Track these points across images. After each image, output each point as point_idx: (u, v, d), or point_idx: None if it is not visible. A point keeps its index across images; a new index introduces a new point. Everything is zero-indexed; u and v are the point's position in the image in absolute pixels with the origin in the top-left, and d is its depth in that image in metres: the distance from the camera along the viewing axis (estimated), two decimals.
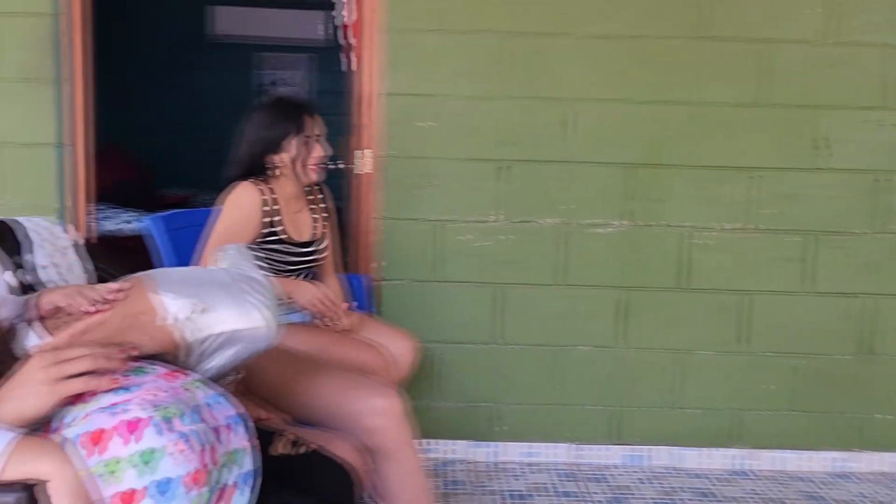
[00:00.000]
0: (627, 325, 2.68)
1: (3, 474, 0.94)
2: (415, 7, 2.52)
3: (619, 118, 2.59)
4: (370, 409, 1.60)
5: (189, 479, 0.97)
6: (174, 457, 0.96)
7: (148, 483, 0.95)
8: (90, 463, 0.96)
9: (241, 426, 1.09)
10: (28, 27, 2.47)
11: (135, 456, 0.96)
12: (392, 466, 1.64)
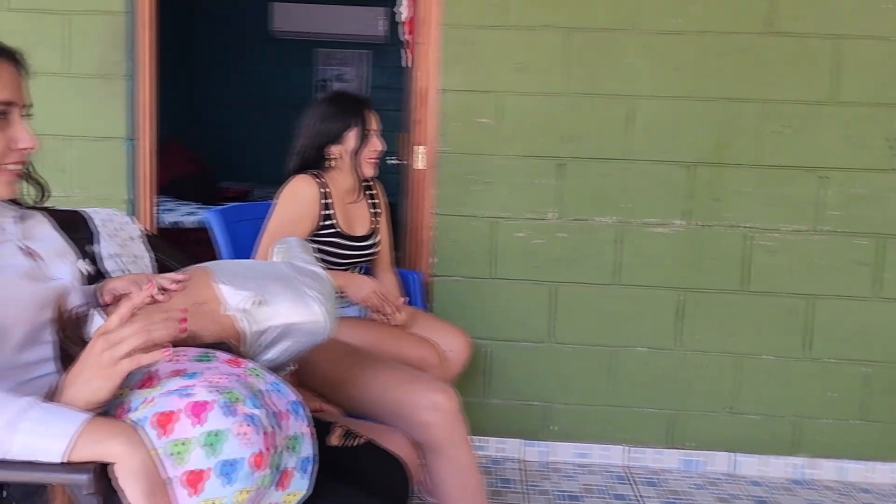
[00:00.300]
0: (685, 327, 2.62)
1: (72, 455, 0.97)
2: (474, 3, 2.51)
3: (683, 115, 2.53)
4: (425, 404, 1.60)
5: (253, 461, 0.99)
6: (239, 438, 0.98)
7: (214, 464, 0.98)
8: (158, 444, 0.99)
9: (299, 412, 1.11)
10: (102, 25, 2.55)
11: (201, 437, 0.98)
12: (445, 462, 1.64)
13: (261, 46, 6.24)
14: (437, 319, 2.37)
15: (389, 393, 1.65)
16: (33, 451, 0.96)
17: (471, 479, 1.66)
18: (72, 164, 2.60)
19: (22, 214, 1.27)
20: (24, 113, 1.18)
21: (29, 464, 0.98)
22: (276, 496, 1.05)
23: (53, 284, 1.21)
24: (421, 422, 1.60)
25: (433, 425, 1.60)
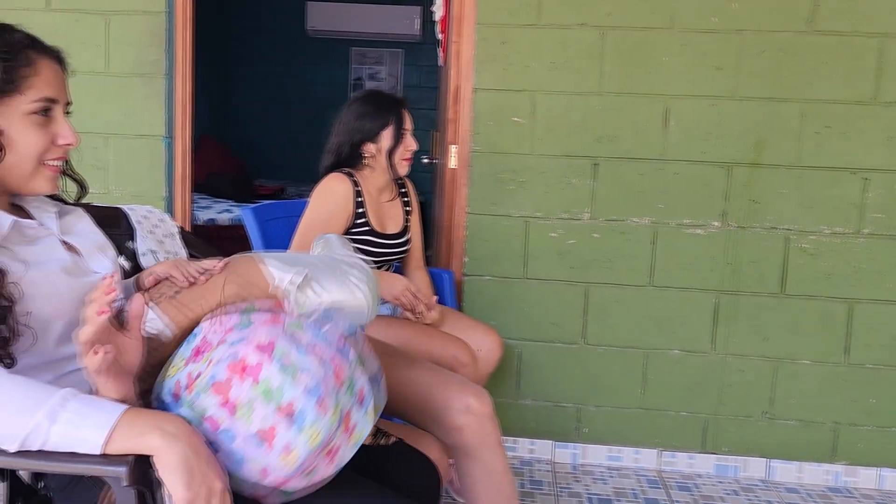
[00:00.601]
0: (721, 331, 2.58)
1: (110, 446, 0.98)
2: (508, 2, 2.50)
3: (720, 115, 2.49)
4: (458, 406, 1.58)
5: (318, 407, 1.02)
6: (298, 388, 1.02)
7: (281, 416, 1.01)
8: (220, 413, 1.02)
9: (348, 355, 1.11)
10: (142, 24, 2.59)
11: (262, 394, 1.01)
12: (477, 466, 1.62)
13: (296, 45, 6.30)
14: (468, 319, 2.37)
15: (421, 395, 1.64)
16: (71, 441, 0.98)
17: (503, 484, 1.64)
18: (111, 161, 2.65)
19: (62, 210, 1.30)
20: (66, 110, 1.20)
21: (66, 455, 0.99)
22: (342, 438, 1.07)
23: (93, 278, 1.23)
24: (453, 425, 1.58)
25: (465, 429, 1.57)
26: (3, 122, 1.11)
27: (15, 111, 1.12)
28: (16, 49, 1.12)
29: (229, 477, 1.03)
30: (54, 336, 1.14)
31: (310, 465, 1.04)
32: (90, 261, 1.26)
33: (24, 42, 1.14)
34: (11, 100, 1.12)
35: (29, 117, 1.14)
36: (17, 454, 0.99)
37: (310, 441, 1.02)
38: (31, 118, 1.14)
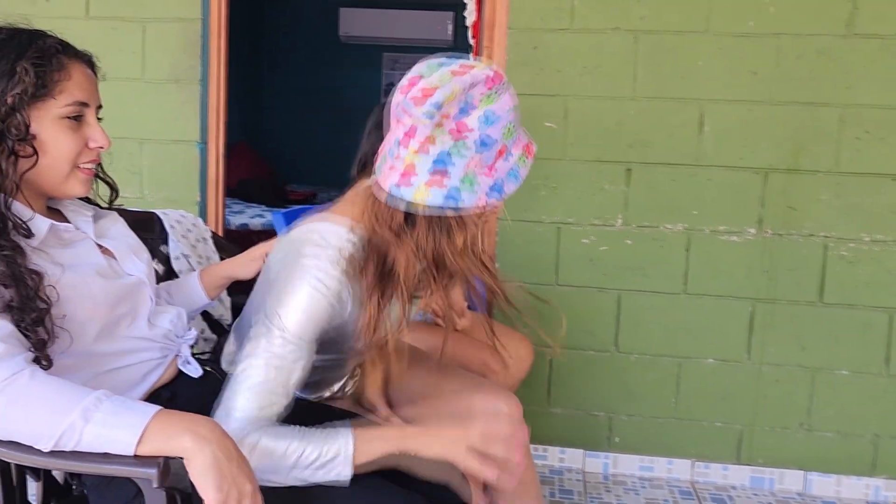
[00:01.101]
0: (757, 339, 2.53)
1: (142, 447, 0.99)
2: (541, 7, 2.49)
3: (757, 120, 2.45)
4: (488, 409, 1.57)
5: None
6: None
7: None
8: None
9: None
10: (177, 31, 2.62)
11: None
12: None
13: (329, 51, 6.34)
14: (499, 326, 2.35)
15: (451, 399, 1.63)
16: (104, 441, 0.99)
17: (531, 492, 1.62)
18: (145, 166, 2.68)
19: (97, 213, 1.32)
20: (97, 114, 1.22)
21: (99, 456, 1.00)
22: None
23: (127, 280, 1.25)
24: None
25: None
26: (36, 126, 1.13)
27: (48, 115, 1.14)
28: (48, 54, 1.14)
29: None
30: (90, 337, 1.16)
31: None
32: (124, 263, 1.28)
33: (56, 47, 1.16)
34: (44, 104, 1.14)
35: (61, 121, 1.16)
36: (51, 454, 1.00)
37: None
38: (64, 122, 1.16)
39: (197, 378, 1.32)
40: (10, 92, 1.11)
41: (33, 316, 1.06)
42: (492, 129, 1.17)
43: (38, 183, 1.17)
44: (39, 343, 1.07)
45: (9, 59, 1.12)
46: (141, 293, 1.27)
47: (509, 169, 1.20)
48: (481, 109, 1.17)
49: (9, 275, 1.05)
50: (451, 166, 1.14)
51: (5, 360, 1.01)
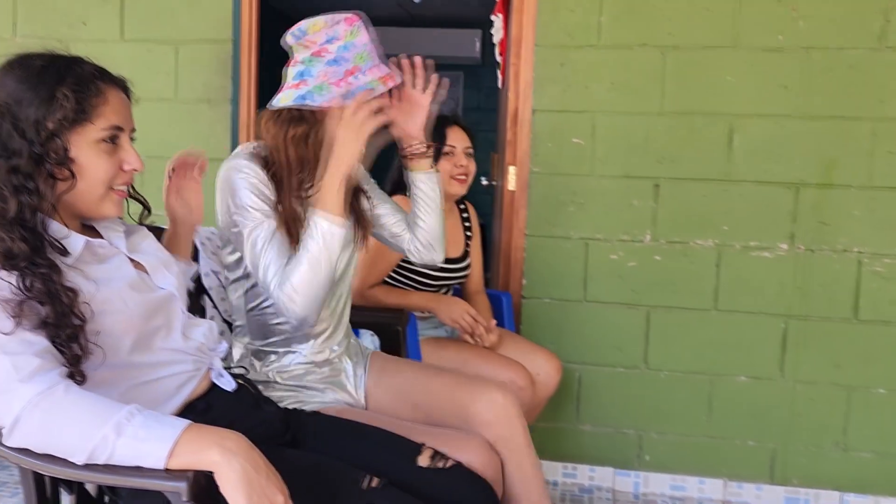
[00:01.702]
0: (790, 357, 2.49)
1: (172, 461, 1.00)
2: (568, 23, 2.50)
3: (787, 135, 2.42)
4: (483, 400, 1.58)
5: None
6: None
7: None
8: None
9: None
10: (209, 53, 2.68)
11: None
12: (506, 463, 1.57)
13: None
14: (527, 342, 2.35)
15: (449, 398, 1.64)
16: (136, 455, 1.01)
17: (534, 481, 1.59)
18: None
19: (128, 229, 1.35)
20: (131, 137, 1.26)
21: (130, 469, 1.02)
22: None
23: (158, 294, 1.27)
24: (481, 421, 1.56)
25: (493, 423, 1.56)
26: (74, 150, 1.17)
27: (85, 139, 1.17)
28: (86, 81, 1.18)
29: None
30: (125, 349, 1.18)
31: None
32: (155, 277, 1.30)
33: (94, 74, 1.20)
34: (83, 129, 1.17)
35: (98, 145, 1.19)
36: (85, 467, 1.02)
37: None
38: (100, 146, 1.19)
39: (230, 390, 1.34)
40: (50, 117, 1.14)
41: (68, 332, 1.08)
42: (346, 52, 1.52)
43: (74, 204, 1.21)
44: (74, 358, 1.09)
45: (49, 85, 1.15)
46: (172, 306, 1.30)
47: (361, 85, 1.51)
48: (343, 41, 1.52)
49: (45, 292, 1.08)
50: (308, 77, 1.52)
51: (41, 375, 1.04)
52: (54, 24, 2.73)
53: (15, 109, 1.14)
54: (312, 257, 1.44)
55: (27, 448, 1.05)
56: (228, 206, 1.55)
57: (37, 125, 1.14)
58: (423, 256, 1.79)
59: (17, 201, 1.11)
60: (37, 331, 1.07)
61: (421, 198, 1.73)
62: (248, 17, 2.66)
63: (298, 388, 1.65)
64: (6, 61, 1.19)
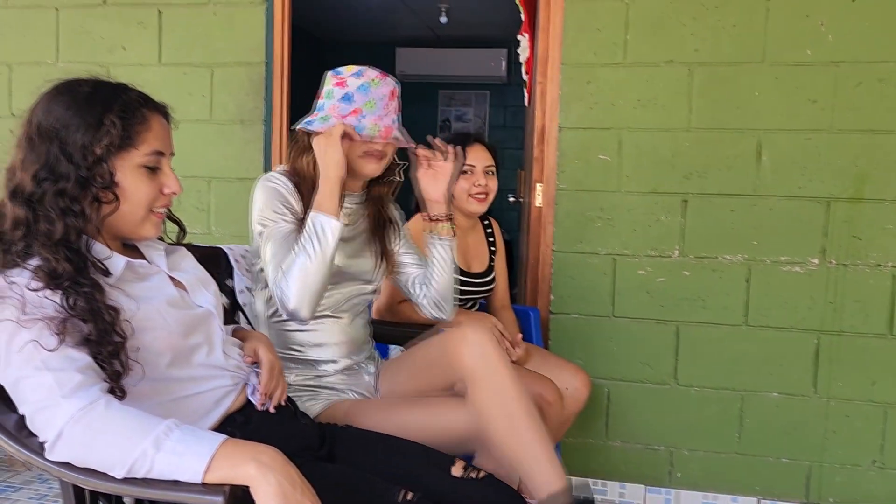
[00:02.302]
0: (823, 373, 2.46)
1: (209, 475, 1.03)
2: (594, 41, 2.51)
3: (817, 149, 2.41)
4: (456, 337, 1.61)
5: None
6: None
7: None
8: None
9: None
10: (243, 75, 2.75)
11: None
12: (484, 389, 1.55)
13: None
14: (555, 357, 2.35)
15: (428, 354, 1.71)
16: (174, 469, 1.03)
17: (515, 401, 1.54)
18: (212, 203, 2.79)
19: (168, 248, 1.39)
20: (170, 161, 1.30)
21: (168, 483, 1.05)
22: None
23: (197, 311, 1.31)
24: (455, 356, 1.59)
25: (466, 355, 1.57)
26: (119, 174, 1.21)
27: (129, 164, 1.22)
28: (132, 107, 1.22)
29: None
30: (163, 364, 1.22)
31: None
32: (194, 295, 1.34)
33: (139, 100, 1.25)
34: (127, 153, 1.21)
35: (140, 169, 1.23)
36: (124, 481, 1.05)
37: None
38: (142, 170, 1.23)
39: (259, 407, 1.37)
40: (98, 143, 1.18)
41: (109, 349, 1.12)
42: (359, 94, 1.69)
43: (116, 226, 1.25)
44: (114, 374, 1.13)
45: (96, 111, 1.20)
46: (210, 324, 1.33)
47: (358, 126, 1.67)
48: (366, 80, 1.71)
49: (87, 310, 1.12)
50: (320, 110, 1.71)
51: (83, 391, 1.07)
52: (95, 49, 2.82)
53: (63, 134, 1.18)
54: (306, 248, 1.56)
55: (68, 462, 1.08)
56: (255, 212, 1.69)
57: (84, 150, 1.18)
58: (431, 313, 1.87)
59: (63, 223, 1.15)
60: (79, 347, 1.11)
61: (436, 260, 1.82)
62: (280, 41, 2.72)
63: (316, 388, 1.72)
64: (53, 87, 1.23)
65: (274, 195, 1.68)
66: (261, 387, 1.35)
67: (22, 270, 1.13)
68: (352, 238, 1.81)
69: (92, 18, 2.81)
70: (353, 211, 1.84)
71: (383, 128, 1.69)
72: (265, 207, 1.67)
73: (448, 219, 1.84)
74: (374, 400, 1.78)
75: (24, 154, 1.18)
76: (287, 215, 1.67)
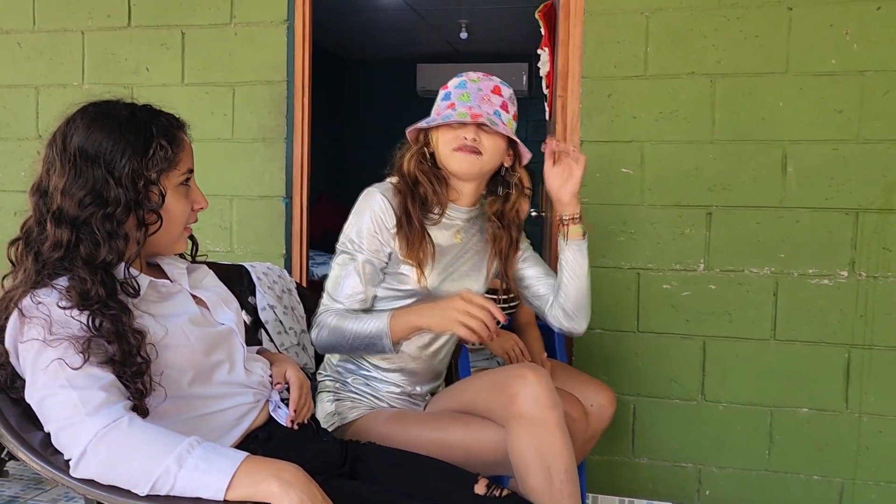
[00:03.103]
0: (855, 388, 2.41)
1: (231, 492, 1.03)
2: (614, 55, 2.51)
3: (843, 159, 2.37)
4: (514, 374, 1.55)
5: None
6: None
7: None
8: None
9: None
10: (264, 93, 2.77)
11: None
12: (529, 435, 1.49)
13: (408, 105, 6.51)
14: (579, 373, 2.32)
15: (485, 381, 1.64)
16: (196, 486, 1.03)
17: (554, 462, 1.47)
18: (234, 221, 2.81)
19: (190, 266, 1.40)
20: None
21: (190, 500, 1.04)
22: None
23: (218, 329, 1.31)
24: (509, 393, 1.52)
25: (519, 396, 1.50)
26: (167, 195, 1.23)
27: (170, 184, 1.25)
28: (171, 129, 1.25)
29: None
30: (185, 382, 1.22)
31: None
32: (216, 313, 1.35)
33: (173, 122, 1.27)
34: (169, 174, 1.23)
35: (178, 188, 1.26)
36: (147, 498, 1.05)
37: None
38: (179, 189, 1.26)
39: (284, 423, 1.36)
40: (150, 167, 1.21)
41: (133, 370, 1.13)
42: (456, 90, 1.68)
43: (154, 245, 1.27)
44: (138, 393, 1.13)
45: (141, 135, 1.22)
46: (232, 341, 1.33)
47: (446, 115, 1.64)
48: (465, 78, 1.70)
49: (113, 332, 1.13)
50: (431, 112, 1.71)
51: (106, 409, 1.08)
52: (120, 71, 2.86)
53: (109, 159, 1.19)
54: (352, 333, 1.59)
55: (93, 479, 1.08)
56: (348, 223, 1.71)
57: (134, 174, 1.19)
58: (563, 324, 1.80)
59: (108, 247, 1.17)
60: (103, 366, 1.11)
61: (567, 265, 1.76)
62: (301, 60, 2.75)
63: (362, 396, 1.71)
64: (84, 110, 1.24)
65: (368, 220, 1.66)
66: (290, 404, 1.35)
67: (50, 290, 1.15)
68: (455, 259, 1.74)
69: (117, 40, 2.86)
70: (460, 228, 1.76)
71: (475, 113, 1.61)
72: (354, 229, 1.67)
73: (578, 220, 1.75)
74: (415, 413, 1.73)
75: (67, 179, 1.18)
76: (364, 248, 1.65)
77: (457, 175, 1.69)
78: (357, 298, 1.64)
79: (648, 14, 2.48)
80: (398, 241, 1.64)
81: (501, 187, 1.77)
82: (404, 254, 1.64)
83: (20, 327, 1.13)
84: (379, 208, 1.65)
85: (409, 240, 1.63)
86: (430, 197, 1.67)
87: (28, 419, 1.19)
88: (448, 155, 1.66)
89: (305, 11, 2.73)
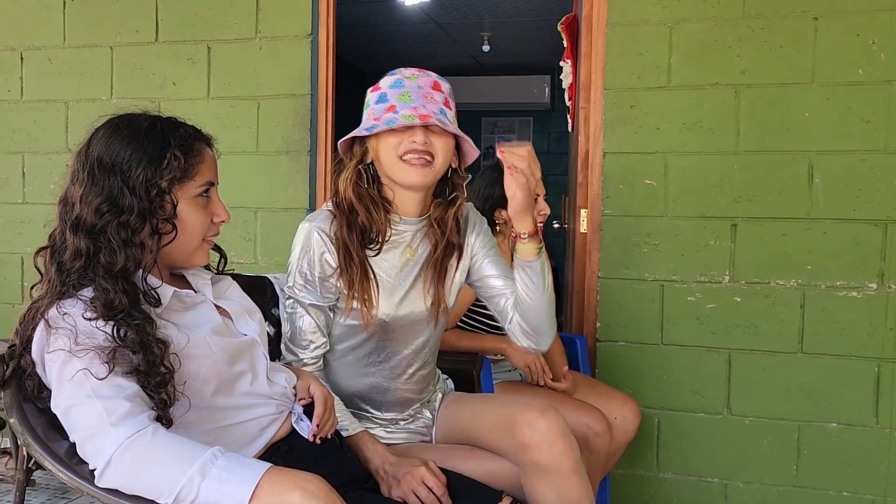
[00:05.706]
0: (885, 402, 2.36)
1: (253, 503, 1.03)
2: (637, 66, 2.50)
3: (871, 170, 2.34)
4: (525, 421, 1.47)
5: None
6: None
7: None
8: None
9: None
10: (289, 107, 2.80)
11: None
12: (549, 488, 1.46)
13: None
14: (603, 386, 2.31)
15: (493, 417, 1.56)
16: (220, 496, 1.03)
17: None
18: (259, 233, 2.83)
19: (214, 277, 1.41)
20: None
21: None
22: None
23: (241, 339, 1.32)
24: (521, 442, 1.47)
25: (533, 446, 1.45)
26: (179, 205, 1.24)
27: (186, 195, 1.25)
28: (189, 141, 1.26)
29: None
30: (208, 392, 1.23)
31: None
32: (239, 324, 1.35)
33: (193, 134, 1.28)
34: (185, 185, 1.25)
35: (195, 200, 1.27)
36: None
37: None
38: (197, 200, 1.27)
39: (306, 436, 1.37)
40: (162, 176, 1.22)
41: (157, 380, 1.14)
42: (392, 91, 1.52)
43: (171, 255, 1.28)
44: (162, 403, 1.14)
45: (158, 145, 1.23)
46: (255, 352, 1.34)
47: (389, 119, 1.48)
48: (399, 76, 1.53)
49: (138, 342, 1.14)
50: (363, 119, 1.56)
51: (131, 419, 1.09)
52: (147, 85, 2.90)
53: (125, 168, 1.21)
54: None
55: (117, 489, 1.09)
56: (290, 260, 1.62)
57: (148, 183, 1.21)
58: (521, 342, 1.63)
59: (124, 254, 1.18)
60: (128, 376, 1.13)
61: (520, 284, 1.57)
62: (324, 73, 2.77)
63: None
64: (108, 122, 1.27)
65: (306, 265, 1.55)
66: (314, 418, 1.35)
67: (76, 301, 1.16)
68: (410, 276, 1.60)
69: (144, 55, 2.91)
70: (411, 241, 1.61)
71: (423, 114, 1.47)
72: (297, 272, 1.57)
73: (531, 237, 1.52)
74: (426, 446, 1.68)
75: (85, 187, 1.21)
76: (310, 296, 1.55)
77: (406, 187, 1.54)
78: (318, 344, 1.58)
79: (671, 25, 2.47)
80: (340, 279, 1.53)
81: (448, 190, 1.62)
82: (347, 292, 1.53)
83: (46, 338, 1.15)
84: (317, 247, 1.54)
85: (350, 279, 1.52)
86: (367, 225, 1.54)
87: (54, 429, 1.20)
88: (394, 164, 1.51)
89: (329, 25, 2.76)
